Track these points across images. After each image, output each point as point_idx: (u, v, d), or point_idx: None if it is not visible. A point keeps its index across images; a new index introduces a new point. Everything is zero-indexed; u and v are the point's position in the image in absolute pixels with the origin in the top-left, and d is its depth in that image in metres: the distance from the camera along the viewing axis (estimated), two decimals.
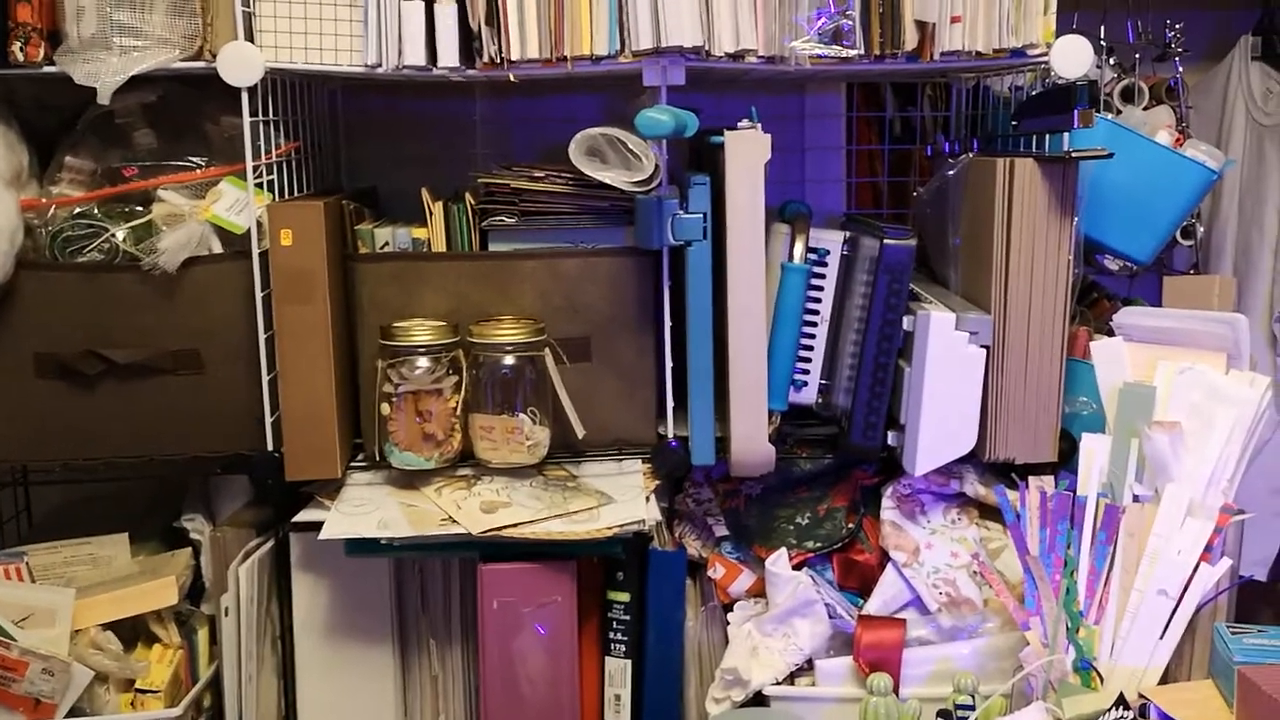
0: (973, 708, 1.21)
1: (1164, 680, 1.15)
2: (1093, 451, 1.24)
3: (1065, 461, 1.34)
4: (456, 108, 1.71)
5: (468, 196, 1.39)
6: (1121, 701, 1.05)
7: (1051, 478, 1.27)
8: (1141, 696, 1.11)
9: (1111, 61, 1.74)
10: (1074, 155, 1.28)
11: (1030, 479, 1.26)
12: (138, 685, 1.33)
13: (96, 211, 1.32)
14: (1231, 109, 1.81)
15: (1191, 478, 1.18)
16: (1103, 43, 1.71)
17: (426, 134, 1.71)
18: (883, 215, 1.78)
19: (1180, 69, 1.73)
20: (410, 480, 1.39)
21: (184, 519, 1.43)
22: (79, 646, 1.31)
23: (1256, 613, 1.90)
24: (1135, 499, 1.21)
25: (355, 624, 1.40)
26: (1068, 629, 1.18)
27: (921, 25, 1.31)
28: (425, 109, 1.71)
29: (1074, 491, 1.23)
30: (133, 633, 1.38)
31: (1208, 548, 1.15)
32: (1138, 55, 1.74)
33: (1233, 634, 1.12)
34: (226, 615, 1.35)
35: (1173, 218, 1.43)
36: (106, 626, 1.33)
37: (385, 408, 1.35)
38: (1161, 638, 1.15)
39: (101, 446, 1.35)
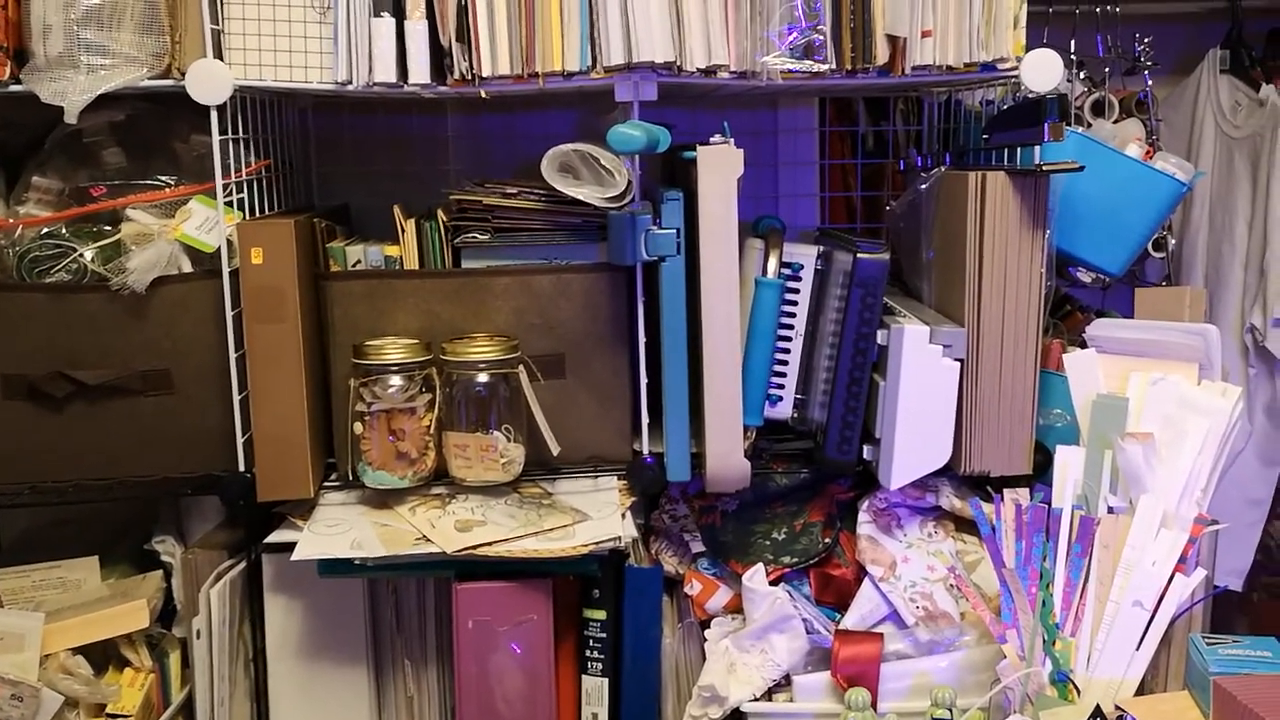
0: None
1: (1140, 691, 1.15)
2: (1067, 463, 1.25)
3: (1040, 474, 1.34)
4: (429, 125, 1.71)
5: (440, 214, 1.39)
6: (1098, 713, 1.05)
7: (1026, 490, 1.27)
8: (1118, 708, 1.11)
9: (1082, 75, 1.76)
10: (1044, 168, 1.29)
11: (1005, 491, 1.26)
12: (109, 710, 1.32)
13: (64, 231, 1.31)
14: (1201, 121, 1.83)
15: (1165, 488, 1.18)
16: (1073, 56, 1.73)
17: (399, 151, 1.70)
18: (856, 230, 1.79)
19: (1150, 82, 1.75)
20: (384, 499, 1.38)
21: (155, 541, 1.42)
22: (48, 671, 1.29)
23: (1233, 623, 1.91)
24: (1110, 510, 1.21)
25: (329, 645, 1.38)
26: (1044, 641, 1.18)
27: (892, 40, 1.31)
28: (397, 126, 1.70)
29: (1049, 504, 1.24)
30: (103, 657, 1.36)
31: (1182, 558, 1.16)
32: (1107, 69, 1.75)
33: (1208, 644, 1.12)
34: (198, 638, 1.34)
35: (1144, 230, 1.44)
36: (76, 651, 1.32)
37: (358, 427, 1.34)
38: (1137, 649, 1.15)
39: (70, 468, 1.34)
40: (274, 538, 1.32)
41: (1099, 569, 1.17)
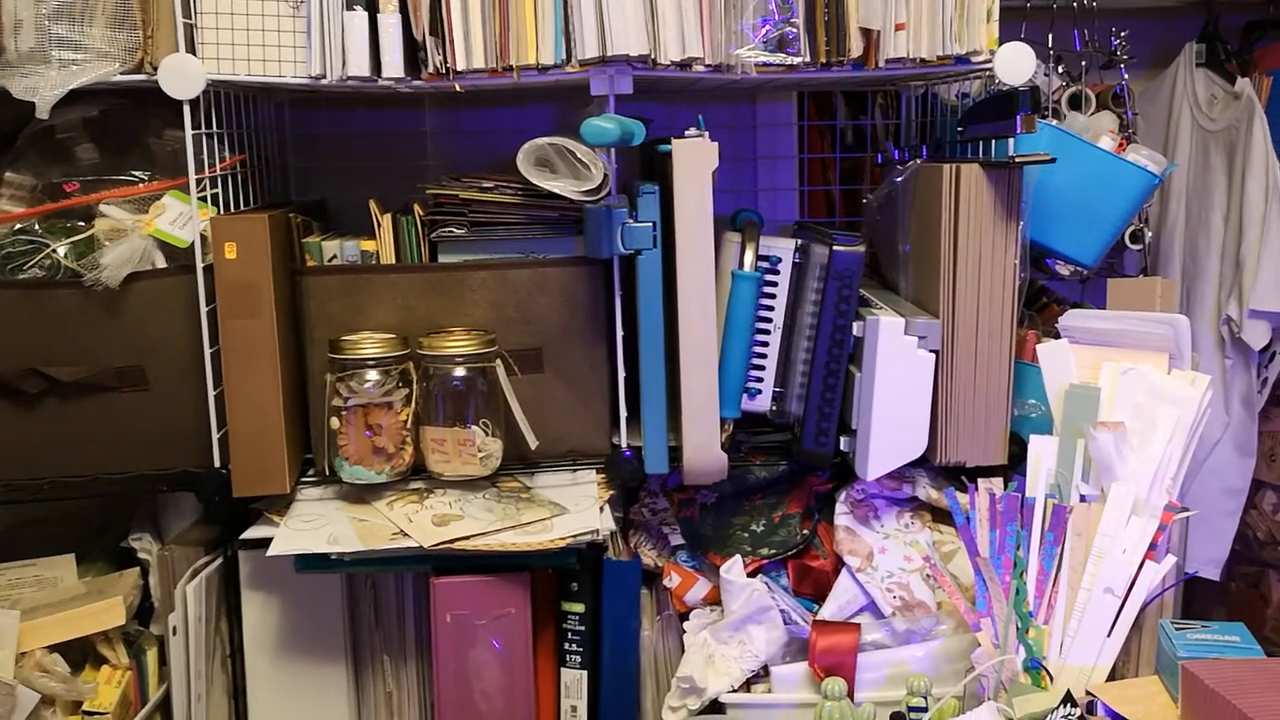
0: (926, 710, 1.21)
1: (1112, 677, 1.16)
2: (1040, 453, 1.25)
3: (1016, 464, 1.35)
4: (407, 120, 1.71)
5: (416, 208, 1.39)
6: (1069, 699, 1.06)
7: (1000, 480, 1.28)
8: (1088, 693, 1.11)
9: (1059, 70, 1.77)
10: (1017, 160, 1.29)
11: (979, 481, 1.26)
12: (85, 707, 1.31)
13: (37, 227, 1.31)
14: (1177, 115, 1.84)
15: (1136, 477, 1.19)
16: (1050, 51, 1.73)
17: (377, 147, 1.70)
18: (835, 224, 1.79)
19: (1126, 76, 1.76)
20: (361, 495, 1.37)
21: (132, 538, 1.41)
22: (24, 669, 1.28)
23: (1210, 612, 1.92)
24: (1082, 499, 1.22)
25: (307, 641, 1.38)
26: (1018, 629, 1.19)
27: (866, 33, 1.32)
28: (375, 122, 1.70)
29: (1022, 493, 1.24)
30: (80, 654, 1.36)
31: (1152, 545, 1.16)
32: (1084, 63, 1.76)
33: (1177, 630, 1.13)
34: (174, 634, 1.33)
35: (1117, 221, 1.45)
36: (53, 648, 1.31)
37: (335, 422, 1.33)
38: (1109, 635, 1.16)
39: (45, 466, 1.33)
40: (250, 534, 1.32)
41: (1071, 557, 1.18)
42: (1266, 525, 1.87)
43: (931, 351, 1.32)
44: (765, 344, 1.40)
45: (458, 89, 1.30)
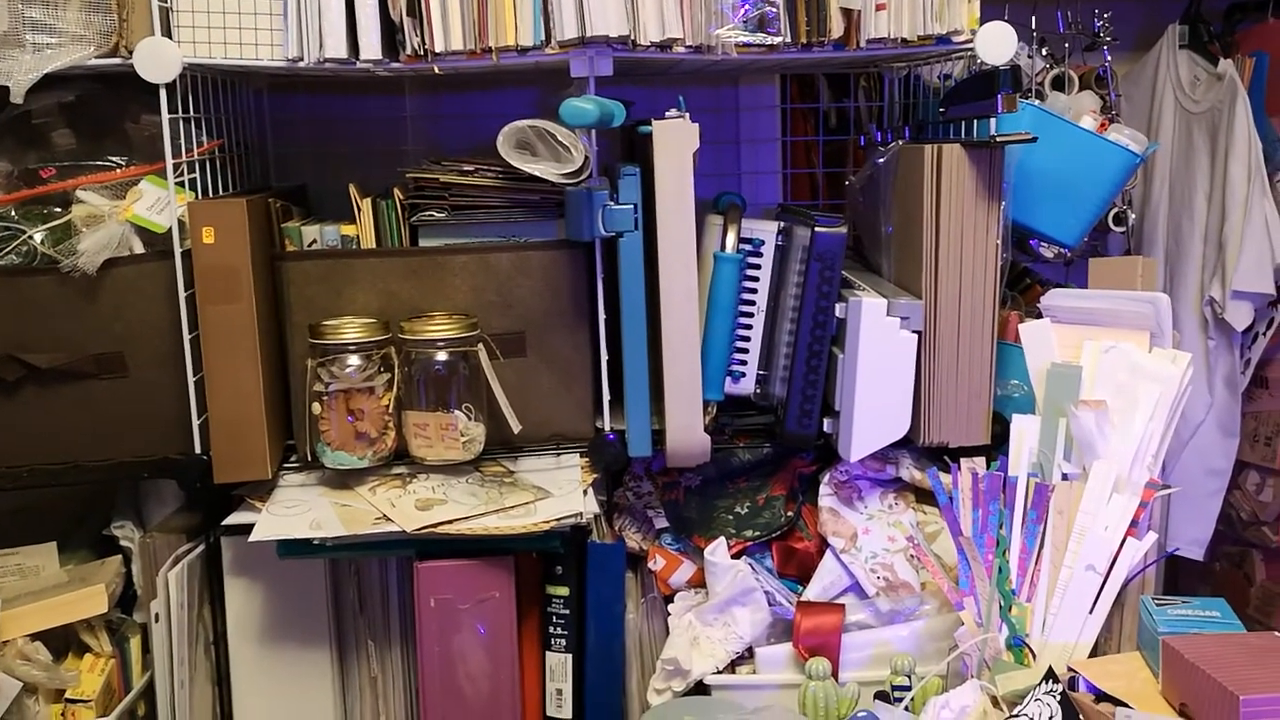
0: (909, 689, 1.21)
1: (1094, 653, 1.16)
2: (1023, 432, 1.26)
3: (998, 444, 1.35)
4: (387, 106, 1.70)
5: (396, 192, 1.38)
6: (1051, 675, 1.06)
7: (983, 459, 1.28)
8: (1071, 670, 1.12)
9: (1044, 52, 1.76)
10: (998, 140, 1.29)
11: (962, 461, 1.27)
12: (68, 695, 1.31)
13: (14, 214, 1.30)
14: (1160, 97, 1.84)
15: (1117, 454, 1.19)
16: (1034, 33, 1.73)
17: (357, 133, 1.70)
18: (819, 206, 1.79)
19: (1109, 58, 1.76)
20: (344, 480, 1.37)
21: (114, 526, 1.41)
22: (6, 658, 1.28)
23: (1195, 591, 1.93)
24: (1064, 477, 1.22)
25: (291, 627, 1.38)
26: (1001, 608, 1.19)
27: (847, 12, 1.31)
28: (355, 107, 1.69)
29: (1005, 472, 1.24)
30: (63, 643, 1.35)
31: (1134, 522, 1.17)
32: (1068, 45, 1.76)
33: (1158, 606, 1.14)
34: (157, 622, 1.33)
35: (1098, 201, 1.45)
36: (35, 637, 1.31)
37: (316, 407, 1.33)
38: (1091, 612, 1.16)
39: (25, 453, 1.32)
40: (232, 519, 1.32)
41: (1053, 535, 1.18)
42: (1250, 505, 1.88)
43: (914, 332, 1.32)
44: (748, 326, 1.40)
45: (436, 71, 1.29)
